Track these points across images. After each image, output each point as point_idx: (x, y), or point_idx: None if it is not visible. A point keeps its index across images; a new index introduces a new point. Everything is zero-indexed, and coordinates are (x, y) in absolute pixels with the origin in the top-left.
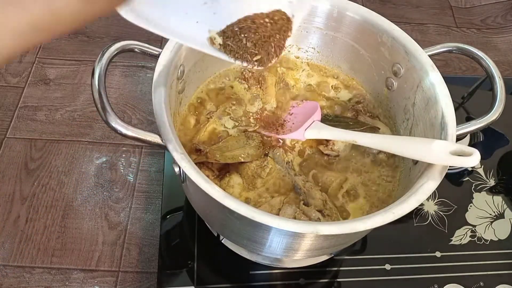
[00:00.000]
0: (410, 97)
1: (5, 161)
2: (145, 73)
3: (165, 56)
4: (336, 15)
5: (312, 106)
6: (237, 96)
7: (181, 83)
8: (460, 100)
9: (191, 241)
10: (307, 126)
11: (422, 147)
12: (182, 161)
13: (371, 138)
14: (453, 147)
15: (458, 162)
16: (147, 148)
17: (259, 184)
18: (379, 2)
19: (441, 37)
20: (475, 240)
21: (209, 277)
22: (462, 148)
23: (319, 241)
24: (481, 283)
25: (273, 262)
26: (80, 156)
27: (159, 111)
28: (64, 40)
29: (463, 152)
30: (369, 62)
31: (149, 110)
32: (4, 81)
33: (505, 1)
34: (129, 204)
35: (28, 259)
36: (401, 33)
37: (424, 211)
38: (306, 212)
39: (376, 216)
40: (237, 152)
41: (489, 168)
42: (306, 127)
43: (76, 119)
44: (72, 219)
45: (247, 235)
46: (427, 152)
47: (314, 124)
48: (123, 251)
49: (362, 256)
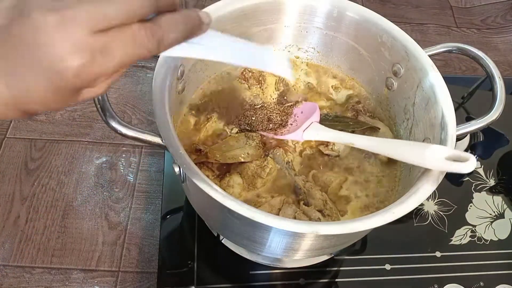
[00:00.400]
0: (410, 97)
1: (5, 161)
2: (145, 73)
3: (165, 56)
4: (336, 15)
5: (311, 107)
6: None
7: (181, 83)
8: (460, 100)
9: (191, 241)
10: (305, 127)
11: (418, 152)
12: (182, 161)
13: (368, 140)
14: (449, 153)
15: (453, 168)
16: (147, 148)
17: (259, 184)
18: (379, 2)
19: (441, 37)
20: (475, 240)
21: (209, 277)
22: (458, 154)
23: (319, 241)
24: (481, 283)
25: (273, 262)
26: (80, 156)
27: (159, 111)
28: None
29: (459, 157)
30: (369, 62)
31: (149, 110)
32: None
33: (505, 1)
34: (129, 204)
35: (28, 259)
36: (401, 33)
37: (424, 211)
38: (306, 212)
39: (376, 216)
40: (237, 152)
41: (489, 168)
42: (304, 128)
43: (76, 119)
44: (72, 219)
45: (247, 235)
46: (422, 157)
47: (312, 125)
48: (123, 251)
49: (362, 256)
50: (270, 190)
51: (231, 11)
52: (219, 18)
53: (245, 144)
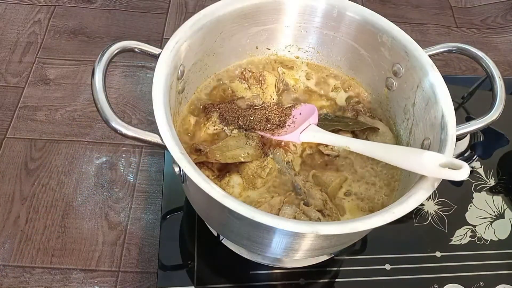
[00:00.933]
0: (410, 97)
1: (5, 161)
2: (145, 73)
3: (165, 56)
4: (336, 15)
5: (310, 109)
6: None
7: (181, 83)
8: (460, 100)
9: (191, 241)
10: (302, 129)
11: (412, 158)
12: (182, 161)
13: (363, 144)
14: (443, 160)
15: (447, 175)
16: (147, 148)
17: (259, 184)
18: (379, 2)
19: (441, 37)
20: (475, 240)
21: (209, 277)
22: (452, 161)
23: (319, 241)
24: (481, 283)
25: (273, 262)
26: (80, 156)
27: (159, 111)
28: (64, 40)
29: (453, 165)
30: (369, 62)
31: (149, 110)
32: (4, 81)
33: (505, 1)
34: (129, 204)
35: (28, 259)
36: (401, 33)
37: (424, 211)
38: (306, 212)
39: (376, 216)
40: (237, 152)
41: (489, 168)
42: (301, 130)
43: (76, 119)
44: (72, 219)
45: (247, 235)
46: (417, 163)
47: (310, 127)
48: (123, 251)
49: (362, 256)
50: (270, 190)
51: (231, 11)
52: (219, 18)
53: (245, 144)
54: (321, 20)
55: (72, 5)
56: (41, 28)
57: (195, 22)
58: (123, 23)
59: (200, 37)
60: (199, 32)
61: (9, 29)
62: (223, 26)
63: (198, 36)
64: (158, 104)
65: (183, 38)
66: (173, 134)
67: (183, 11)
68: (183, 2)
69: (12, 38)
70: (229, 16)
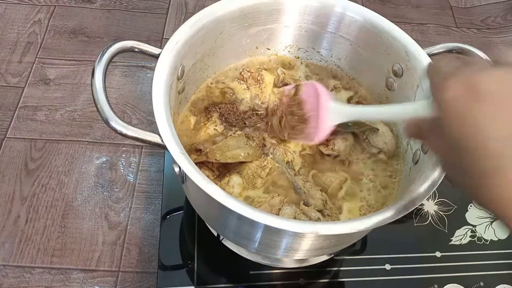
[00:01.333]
0: (410, 97)
1: (5, 161)
2: (145, 73)
3: (165, 56)
4: (336, 15)
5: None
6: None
7: (181, 83)
8: None
9: (191, 241)
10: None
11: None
12: (182, 161)
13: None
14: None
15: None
16: (147, 148)
17: (259, 184)
18: (379, 2)
19: (441, 37)
20: (475, 240)
21: (209, 277)
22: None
23: (319, 241)
24: (481, 283)
25: (273, 262)
26: (80, 156)
27: (159, 111)
28: (64, 40)
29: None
30: (369, 62)
31: (149, 110)
32: (4, 81)
33: (505, 1)
34: (129, 204)
35: (28, 259)
36: (401, 33)
37: (424, 211)
38: (306, 212)
39: (376, 216)
40: (237, 152)
41: None
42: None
43: (76, 119)
44: (72, 219)
45: (247, 235)
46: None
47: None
48: (123, 251)
49: (362, 256)
50: (270, 190)
51: (231, 11)
52: (219, 18)
53: (245, 144)
54: (321, 20)
55: (72, 5)
56: (41, 28)
57: (195, 22)
58: (123, 23)
59: (200, 37)
60: (199, 32)
61: (9, 29)
62: (223, 26)
63: (198, 36)
64: (158, 104)
65: (183, 38)
66: (173, 134)
67: (183, 11)
68: (183, 2)
69: (12, 38)
70: (229, 16)
